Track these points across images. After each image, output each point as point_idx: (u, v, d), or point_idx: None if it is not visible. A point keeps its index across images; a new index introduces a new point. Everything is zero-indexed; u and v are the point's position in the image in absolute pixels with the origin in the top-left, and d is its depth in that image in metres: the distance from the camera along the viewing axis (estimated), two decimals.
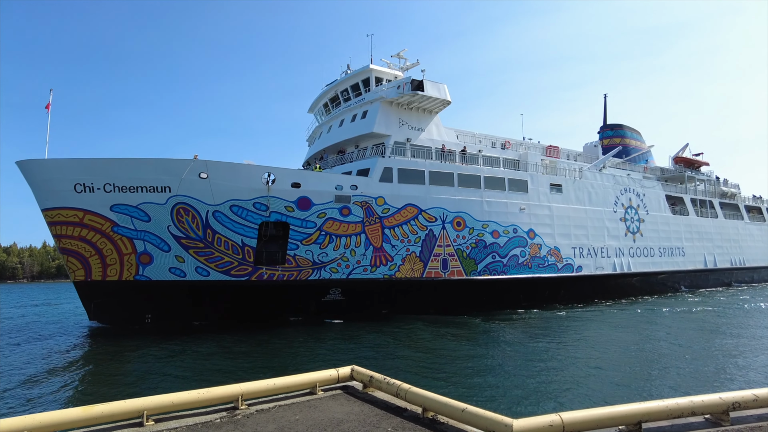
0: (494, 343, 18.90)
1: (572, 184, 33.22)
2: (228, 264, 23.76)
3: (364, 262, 25.14)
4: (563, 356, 16.08)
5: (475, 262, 27.61)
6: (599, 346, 18.13)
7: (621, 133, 48.96)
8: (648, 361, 15.75)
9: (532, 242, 30.00)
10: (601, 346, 18.00)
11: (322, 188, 24.34)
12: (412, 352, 17.34)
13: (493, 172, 29.53)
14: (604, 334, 20.94)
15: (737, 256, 46.96)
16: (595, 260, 33.26)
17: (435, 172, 27.21)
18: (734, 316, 25.62)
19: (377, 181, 25.51)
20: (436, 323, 23.39)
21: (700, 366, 14.75)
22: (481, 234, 28.00)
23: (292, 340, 19.97)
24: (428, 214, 26.49)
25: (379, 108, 28.04)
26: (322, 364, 14.63)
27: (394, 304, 25.96)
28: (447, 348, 18.00)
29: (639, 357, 16.17)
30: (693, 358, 15.76)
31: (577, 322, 24.06)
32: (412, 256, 25.99)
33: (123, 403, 4.57)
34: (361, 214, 25.01)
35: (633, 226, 36.84)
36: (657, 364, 15.12)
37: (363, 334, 20.81)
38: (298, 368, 14.50)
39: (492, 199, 28.80)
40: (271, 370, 14.35)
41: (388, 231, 25.55)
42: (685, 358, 15.93)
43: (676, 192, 42.91)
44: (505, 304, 28.68)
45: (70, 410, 4.36)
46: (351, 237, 24.86)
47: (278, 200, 23.73)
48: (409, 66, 33.70)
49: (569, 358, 15.87)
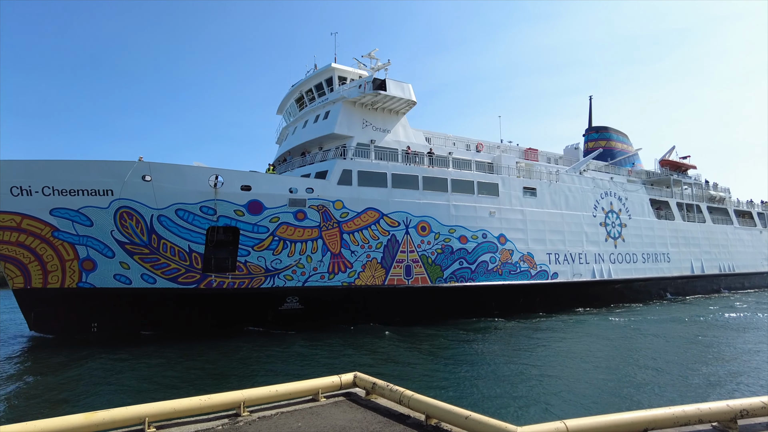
0: (465, 357, 17.74)
1: (547, 188, 31.96)
2: (175, 271, 22.60)
3: (321, 269, 23.93)
4: (532, 369, 15.27)
5: (441, 269, 26.36)
6: (573, 356, 17.13)
7: (606, 136, 47.77)
8: (617, 372, 14.92)
9: (503, 248, 28.73)
10: (575, 357, 17.02)
11: (275, 191, 23.19)
12: (373, 366, 16.17)
13: (461, 174, 28.33)
14: (576, 345, 19.78)
15: (726, 262, 45.54)
16: (572, 266, 31.95)
17: (398, 175, 26.03)
18: (709, 326, 24.33)
19: (335, 183, 24.34)
20: (402, 334, 22.22)
21: (673, 377, 14.24)
22: (447, 239, 26.77)
23: (235, 352, 18.85)
24: (390, 218, 25.28)
25: (341, 108, 26.94)
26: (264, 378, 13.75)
27: (355, 313, 24.71)
28: (415, 361, 16.90)
29: (606, 369, 15.32)
30: (662, 369, 15.08)
31: (545, 333, 22.79)
32: (373, 263, 24.77)
33: (125, 409, 4.55)
34: (317, 218, 23.82)
35: (614, 231, 35.53)
36: (628, 376, 14.42)
37: (300, 346, 19.61)
38: (224, 383, 13.85)
39: (460, 203, 27.58)
40: (217, 382, 13.98)
41: (347, 236, 24.35)
42: (656, 368, 15.28)
43: (661, 196, 41.60)
44: (477, 312, 27.43)
45: (72, 417, 4.30)
46: (307, 242, 23.67)
47: (227, 204, 22.59)
48: (380, 66, 32.48)
49: (540, 369, 15.13)
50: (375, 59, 32.75)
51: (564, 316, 28.44)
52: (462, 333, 22.61)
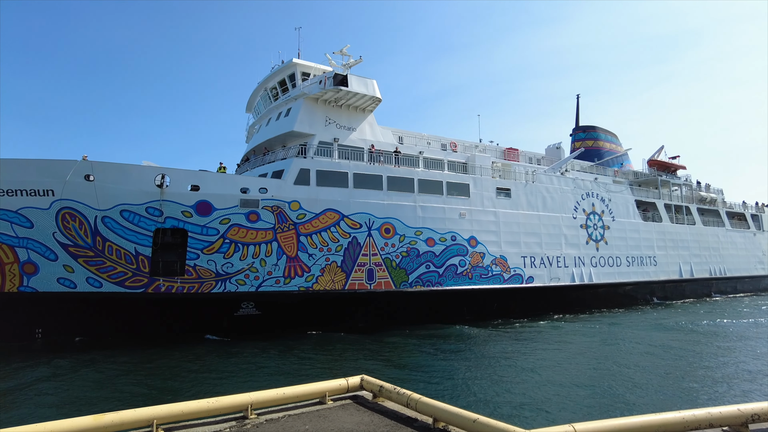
0: (417, 366, 16.54)
1: (523, 188, 30.70)
2: (122, 274, 21.54)
3: (276, 273, 22.79)
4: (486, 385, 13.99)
5: (406, 273, 25.16)
6: (538, 369, 15.99)
7: (594, 136, 46.47)
8: (584, 385, 13.87)
9: (474, 251, 27.50)
10: (539, 369, 15.91)
11: (225, 191, 22.09)
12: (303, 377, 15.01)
13: (429, 174, 27.14)
14: (543, 355, 18.54)
15: (717, 265, 44.09)
16: (549, 270, 30.67)
17: (361, 175, 24.87)
18: (689, 333, 23.03)
19: (291, 183, 23.21)
20: (362, 341, 21.11)
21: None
22: (413, 242, 25.58)
23: (194, 359, 17.79)
24: (352, 220, 24.12)
25: (302, 105, 25.83)
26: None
27: (315, 319, 23.57)
28: (373, 368, 15.69)
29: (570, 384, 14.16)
30: (636, 382, 14.14)
31: (509, 341, 21.56)
32: (332, 266, 23.61)
33: (133, 411, 4.54)
34: (272, 220, 22.70)
35: (596, 234, 34.23)
36: (597, 389, 13.44)
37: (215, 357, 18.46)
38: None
39: (427, 204, 26.38)
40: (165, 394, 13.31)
41: (305, 239, 23.21)
42: (630, 379, 14.42)
43: (648, 197, 40.23)
44: (447, 317, 26.21)
45: (81, 419, 4.27)
46: (260, 245, 22.54)
47: (174, 204, 21.51)
48: (352, 63, 31.31)
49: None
50: (347, 56, 31.70)
51: (541, 321, 27.15)
52: (419, 340, 21.40)
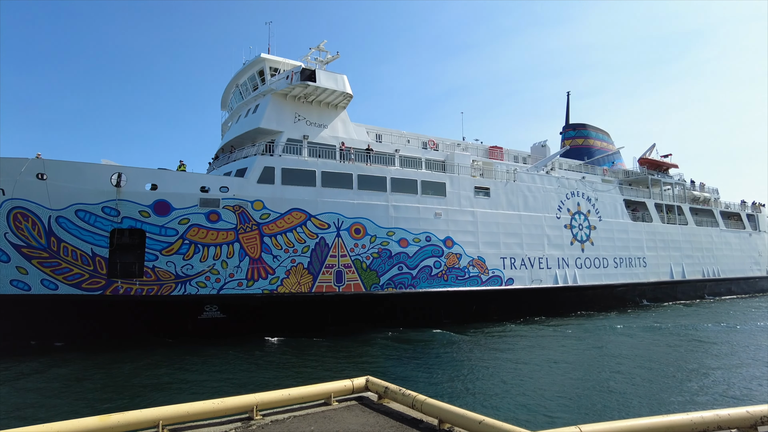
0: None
1: (503, 187, 29.75)
2: (78, 276, 20.78)
3: (238, 276, 21.98)
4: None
5: (377, 275, 24.29)
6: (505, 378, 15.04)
7: (584, 134, 45.45)
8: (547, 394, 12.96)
9: (450, 252, 26.59)
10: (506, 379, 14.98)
11: (184, 190, 21.30)
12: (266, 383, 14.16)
13: (402, 173, 26.25)
14: (511, 365, 17.59)
15: (711, 266, 42.96)
16: (530, 272, 29.71)
17: (329, 173, 24.01)
18: (671, 336, 22.04)
19: (255, 182, 22.39)
20: (330, 345, 20.31)
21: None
22: (385, 242, 24.70)
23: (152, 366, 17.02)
24: (319, 220, 23.27)
25: (269, 101, 25.01)
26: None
27: (282, 322, 22.73)
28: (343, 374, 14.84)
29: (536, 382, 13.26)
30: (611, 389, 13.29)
31: (475, 346, 20.65)
32: (298, 268, 22.77)
33: (139, 412, 4.52)
34: (233, 220, 21.88)
35: (581, 234, 33.23)
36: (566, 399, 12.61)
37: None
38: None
39: (401, 203, 25.50)
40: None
41: (269, 239, 22.38)
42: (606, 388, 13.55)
43: (638, 196, 39.17)
44: (423, 320, 25.33)
45: (87, 419, 4.25)
46: (221, 246, 21.73)
47: (131, 204, 20.74)
48: (329, 59, 30.61)
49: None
50: (324, 51, 30.91)
51: (522, 326, 26.16)
52: (390, 343, 20.53)
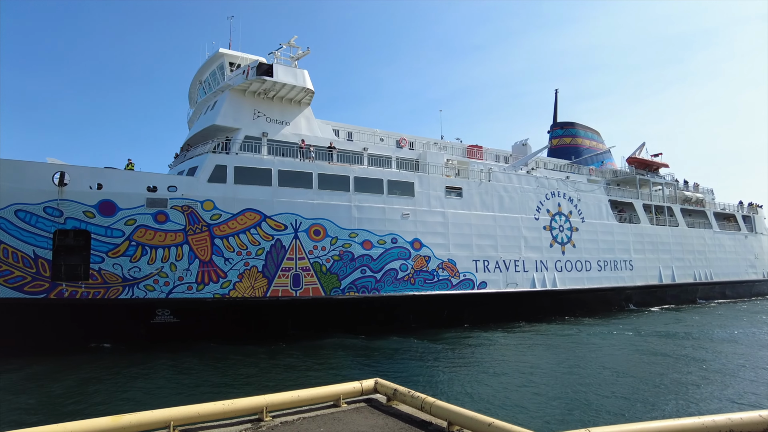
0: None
1: (476, 188, 28.62)
2: (20, 279, 19.95)
3: (188, 279, 21.07)
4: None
5: (338, 278, 23.27)
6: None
7: (572, 132, 44.21)
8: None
9: (418, 254, 25.53)
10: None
11: (130, 190, 20.44)
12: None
13: (367, 172, 25.22)
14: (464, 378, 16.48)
15: (703, 269, 41.51)
16: (505, 275, 28.56)
17: (287, 172, 23.05)
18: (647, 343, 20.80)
19: (205, 181, 21.48)
20: (287, 351, 19.40)
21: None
22: (347, 244, 23.69)
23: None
24: (275, 221, 22.32)
25: (226, 98, 24.13)
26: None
27: (238, 327, 21.81)
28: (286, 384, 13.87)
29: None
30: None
31: (427, 354, 19.56)
32: (252, 272, 21.83)
33: (151, 413, 4.54)
34: (182, 220, 20.99)
35: (562, 236, 32.01)
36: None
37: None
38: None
39: (365, 203, 24.48)
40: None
41: (220, 241, 21.46)
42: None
43: (624, 197, 37.85)
44: (390, 326, 24.31)
45: (100, 419, 4.27)
46: (170, 248, 20.84)
47: (74, 204, 19.90)
48: (300, 55, 29.73)
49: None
50: (295, 47, 30.04)
51: (497, 332, 24.88)
52: (342, 351, 19.52)
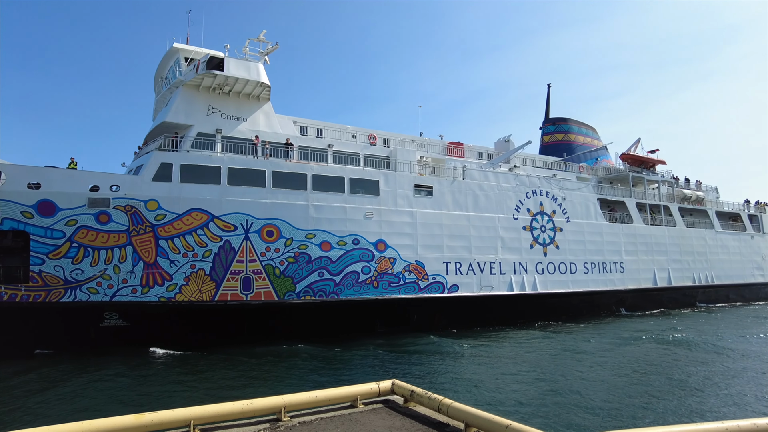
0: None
1: (449, 186, 27.22)
2: None
3: (132, 281, 20.25)
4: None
5: (293, 281, 22.20)
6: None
7: (565, 129, 42.40)
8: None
9: (382, 256, 24.30)
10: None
11: (71, 189, 19.68)
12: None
13: (326, 170, 24.07)
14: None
15: (704, 271, 39.32)
16: (479, 278, 27.13)
17: (238, 170, 22.06)
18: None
19: (149, 180, 20.63)
20: (236, 358, 18.44)
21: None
22: (303, 246, 22.60)
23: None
24: (224, 221, 21.35)
25: (179, 93, 23.26)
26: None
27: (188, 331, 20.94)
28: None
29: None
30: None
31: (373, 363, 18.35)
32: (199, 274, 20.90)
33: (172, 412, 4.58)
34: (125, 221, 20.16)
35: (544, 237, 30.40)
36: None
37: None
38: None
39: (323, 203, 23.35)
40: None
41: (165, 242, 20.58)
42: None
43: (615, 195, 35.96)
44: (353, 330, 23.23)
45: (122, 417, 4.32)
46: (113, 250, 20.04)
47: (11, 204, 19.21)
48: (269, 50, 28.81)
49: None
50: (264, 42, 29.10)
51: (466, 339, 23.48)
52: (280, 360, 18.46)
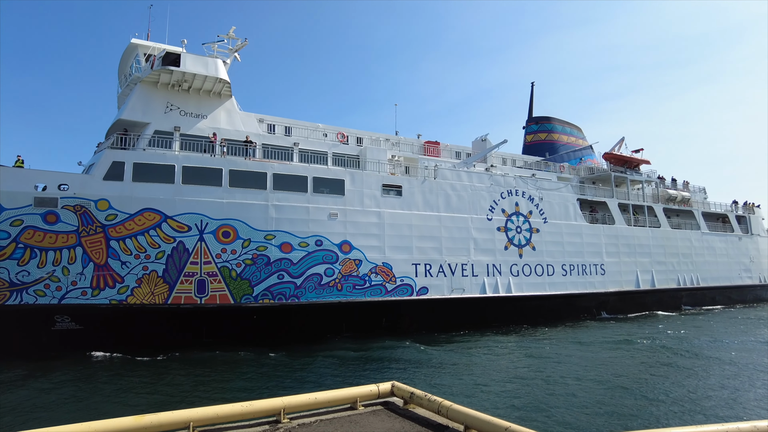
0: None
1: (419, 186, 26.54)
2: None
3: (82, 283, 19.62)
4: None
5: (250, 284, 21.54)
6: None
7: (548, 128, 41.69)
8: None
9: (347, 257, 23.62)
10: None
11: (16, 188, 19.05)
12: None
13: (288, 168, 23.42)
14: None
15: (689, 273, 38.54)
16: (451, 280, 26.43)
17: (192, 168, 21.41)
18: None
19: (100, 179, 20.00)
20: (190, 362, 17.79)
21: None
22: (262, 247, 21.94)
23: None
24: (177, 221, 20.70)
25: (135, 90, 22.64)
26: None
27: (136, 336, 20.29)
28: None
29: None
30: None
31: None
32: (152, 276, 20.26)
33: (171, 414, 4.54)
34: (74, 221, 19.54)
35: (519, 238, 29.68)
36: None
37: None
38: None
39: (284, 202, 22.70)
40: None
41: (116, 243, 19.94)
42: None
43: (596, 195, 35.23)
44: (318, 335, 22.60)
45: (122, 419, 4.32)
46: (61, 251, 19.41)
47: None
48: (240, 46, 28.27)
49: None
50: (234, 39, 28.53)
51: (436, 344, 22.75)
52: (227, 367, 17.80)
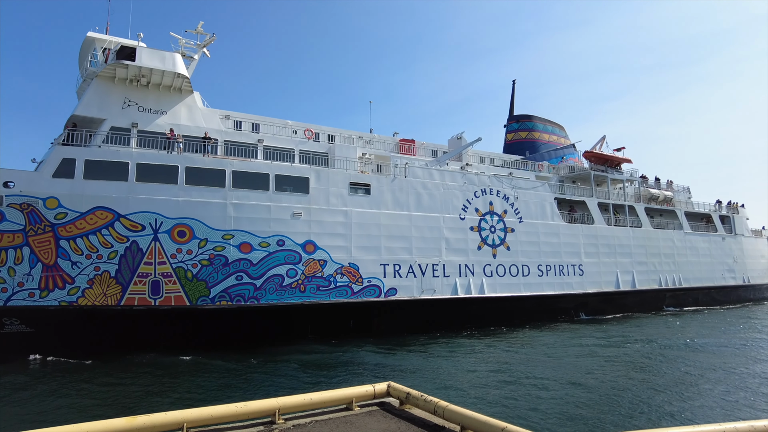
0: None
1: (388, 184, 25.93)
2: None
3: (29, 284, 18.95)
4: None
5: (207, 285, 20.90)
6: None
7: (529, 126, 41.18)
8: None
9: (310, 257, 23.01)
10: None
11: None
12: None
13: (249, 165, 22.79)
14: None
15: (671, 274, 38.05)
16: (421, 281, 25.84)
17: (147, 165, 20.75)
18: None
19: (49, 176, 19.35)
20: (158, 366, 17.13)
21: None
22: (220, 247, 21.30)
23: None
24: (131, 220, 20.06)
25: (91, 86, 22.00)
26: None
27: (93, 338, 19.65)
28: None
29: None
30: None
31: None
32: (104, 277, 19.60)
33: (164, 414, 4.48)
34: (21, 220, 18.87)
35: (493, 238, 29.12)
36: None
37: None
38: None
39: (244, 201, 22.07)
40: None
41: (66, 243, 19.28)
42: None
43: (575, 195, 34.70)
44: (280, 338, 21.97)
45: (115, 420, 4.25)
46: (7, 251, 18.74)
47: None
48: (208, 42, 27.70)
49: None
50: (203, 34, 27.98)
51: (403, 347, 22.15)
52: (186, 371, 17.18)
